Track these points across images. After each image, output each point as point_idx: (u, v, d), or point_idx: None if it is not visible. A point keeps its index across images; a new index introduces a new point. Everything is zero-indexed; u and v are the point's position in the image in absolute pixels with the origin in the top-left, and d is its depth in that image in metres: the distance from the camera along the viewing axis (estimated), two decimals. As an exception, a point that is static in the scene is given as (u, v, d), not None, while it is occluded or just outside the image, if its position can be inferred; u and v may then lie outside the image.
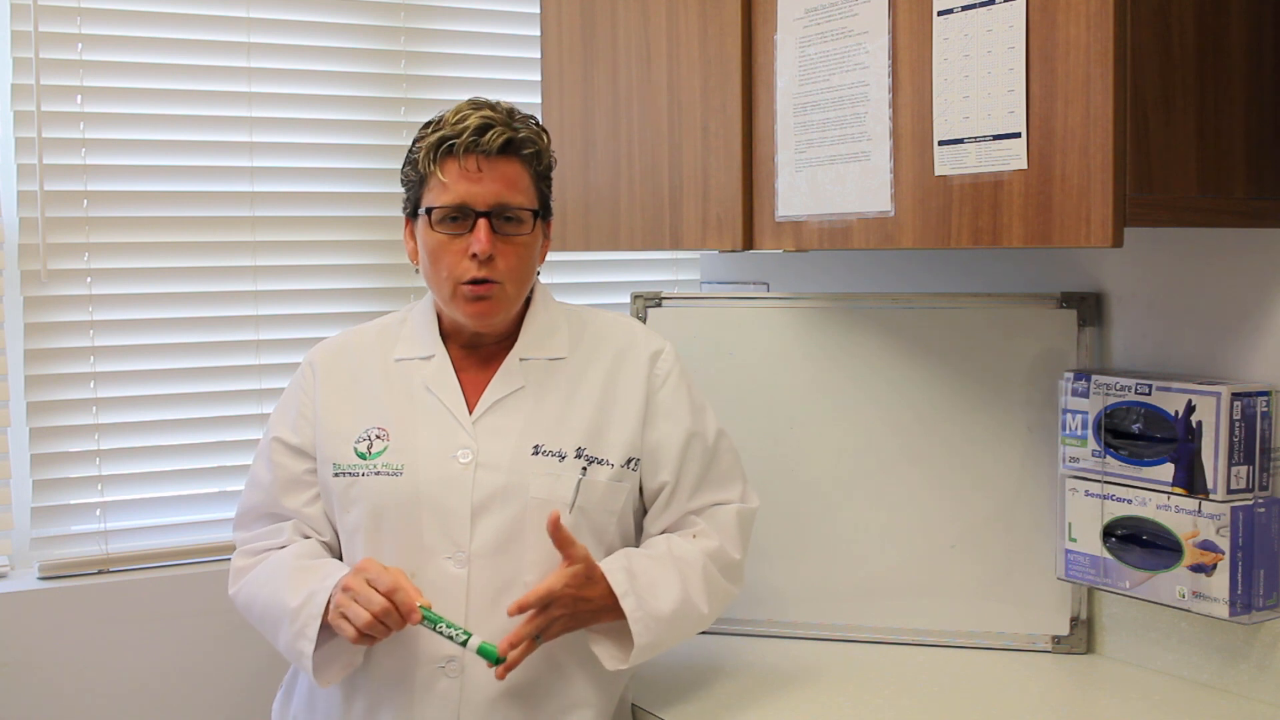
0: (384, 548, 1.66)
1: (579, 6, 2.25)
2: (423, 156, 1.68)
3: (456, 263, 1.67)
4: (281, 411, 1.81)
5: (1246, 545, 1.67)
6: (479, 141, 1.65)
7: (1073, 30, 1.47)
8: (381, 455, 1.69)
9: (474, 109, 1.69)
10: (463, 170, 1.66)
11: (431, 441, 1.69)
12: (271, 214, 2.39)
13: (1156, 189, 1.49)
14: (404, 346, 1.78)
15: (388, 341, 1.80)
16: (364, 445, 1.71)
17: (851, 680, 1.88)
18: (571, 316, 1.82)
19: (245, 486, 1.82)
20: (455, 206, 1.66)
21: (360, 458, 1.70)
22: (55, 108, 2.20)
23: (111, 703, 2.18)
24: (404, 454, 1.69)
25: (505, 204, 1.67)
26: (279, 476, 1.76)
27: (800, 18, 1.85)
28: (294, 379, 1.83)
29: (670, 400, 1.78)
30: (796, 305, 2.11)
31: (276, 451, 1.77)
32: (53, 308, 2.21)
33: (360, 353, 1.80)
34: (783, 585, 2.07)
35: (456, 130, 1.66)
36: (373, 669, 1.66)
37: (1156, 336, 1.87)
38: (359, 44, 2.46)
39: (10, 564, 2.22)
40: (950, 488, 2.02)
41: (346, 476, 1.70)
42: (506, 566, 1.65)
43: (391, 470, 1.68)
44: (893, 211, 1.72)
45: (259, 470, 1.79)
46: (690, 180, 2.05)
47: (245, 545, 1.78)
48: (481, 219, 1.66)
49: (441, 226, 1.67)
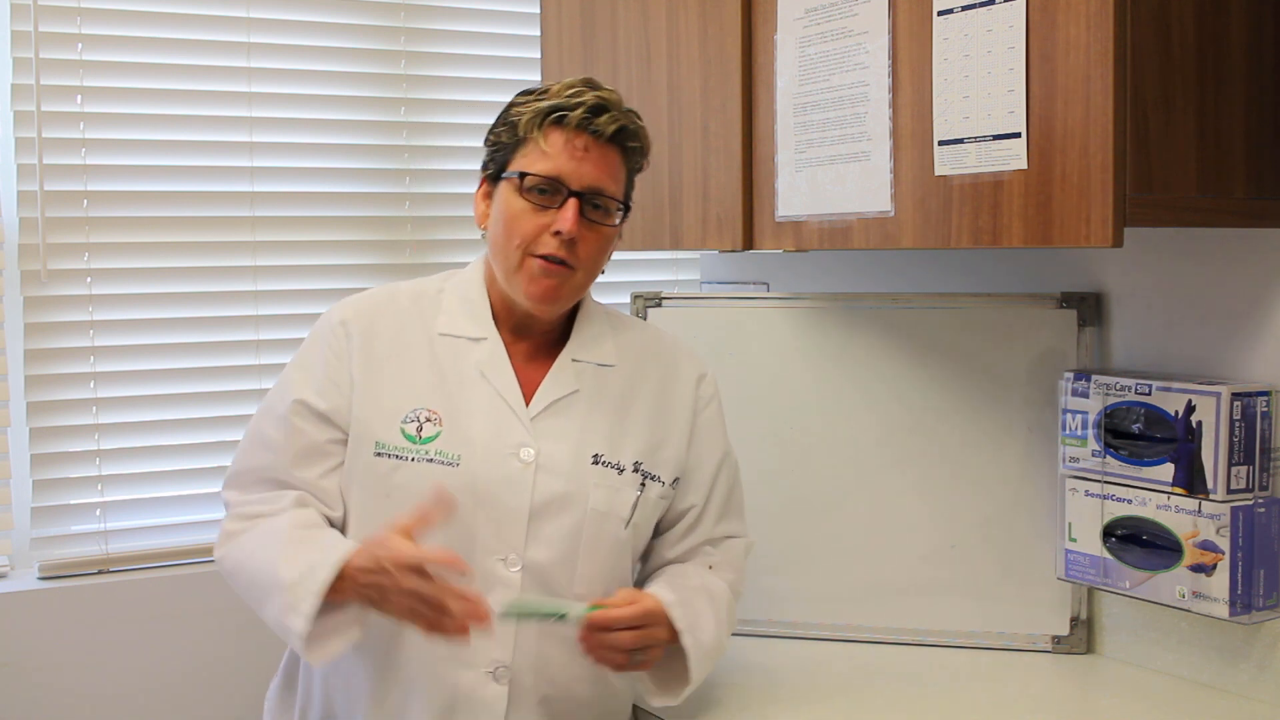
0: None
1: (579, 6, 2.25)
2: (526, 119, 1.60)
3: (535, 234, 1.59)
4: (304, 370, 1.65)
5: (1246, 545, 1.66)
6: (593, 121, 1.59)
7: (1073, 30, 1.47)
8: (434, 441, 1.59)
9: (589, 87, 1.62)
10: (569, 144, 1.59)
11: (487, 434, 1.61)
12: (271, 214, 2.39)
13: (1156, 189, 1.49)
14: (448, 321, 1.67)
15: (426, 311, 1.68)
16: (412, 427, 1.60)
17: (851, 680, 1.88)
18: (613, 321, 1.77)
19: (246, 443, 1.68)
20: (550, 178, 1.59)
21: (409, 440, 1.59)
22: (55, 108, 2.20)
23: (111, 703, 2.18)
24: (459, 443, 1.59)
25: (600, 189, 1.61)
26: (296, 443, 1.62)
27: (800, 18, 1.85)
28: (319, 335, 1.67)
29: (710, 424, 1.77)
30: (796, 305, 2.11)
31: (298, 415, 1.62)
32: (53, 308, 2.21)
33: (399, 319, 1.67)
34: (783, 585, 2.07)
35: (571, 103, 1.59)
36: (411, 669, 1.59)
37: (1156, 336, 1.87)
38: (359, 44, 2.46)
39: (10, 564, 2.22)
40: (950, 487, 2.02)
41: (392, 459, 1.59)
42: (559, 575, 1.60)
43: (446, 460, 1.58)
44: (893, 211, 1.72)
45: (267, 430, 1.65)
46: (690, 180, 2.05)
47: (240, 509, 1.64)
48: (572, 198, 1.58)
49: (530, 195, 1.59)
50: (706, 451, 1.75)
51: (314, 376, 1.64)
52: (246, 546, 1.60)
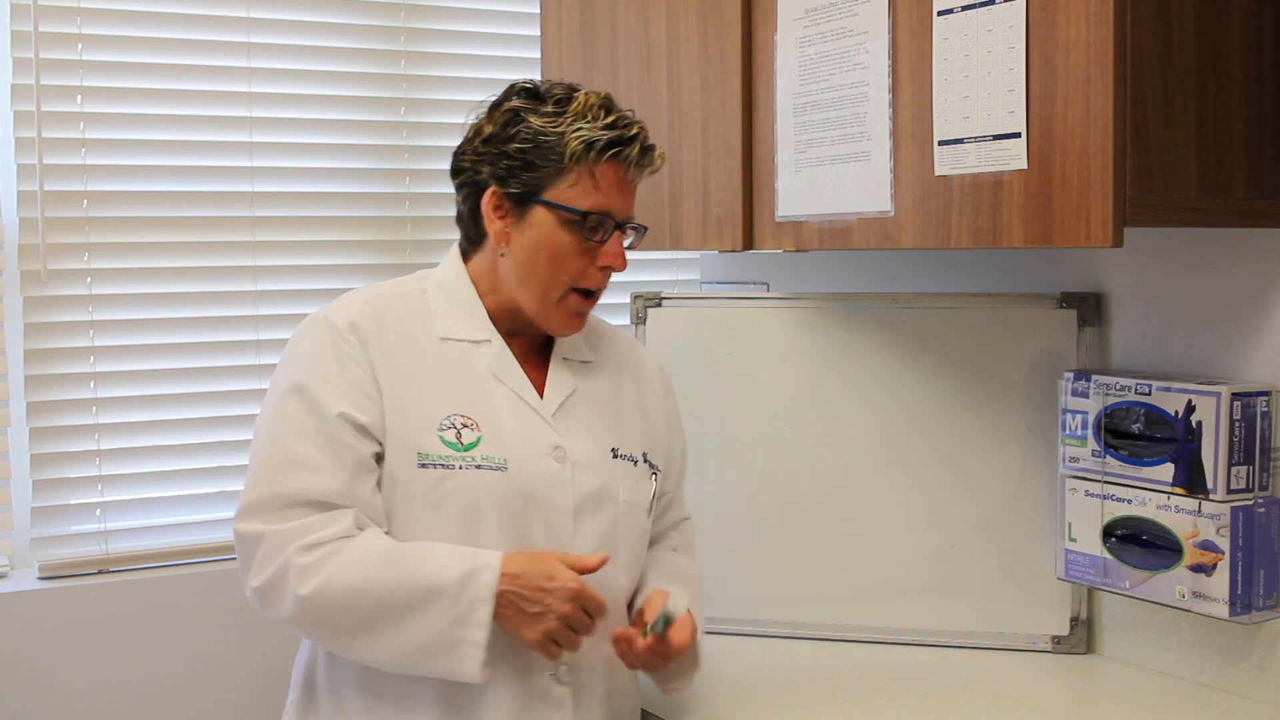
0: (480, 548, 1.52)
1: (579, 6, 2.25)
2: (574, 148, 1.54)
3: (582, 269, 1.58)
4: (326, 381, 1.53)
5: (1246, 545, 1.66)
6: (648, 159, 1.59)
7: (1073, 30, 1.47)
8: (477, 447, 1.54)
9: (628, 115, 1.60)
10: (620, 180, 1.58)
11: (520, 435, 1.57)
12: (271, 214, 2.38)
13: (1156, 189, 1.49)
14: (445, 324, 1.61)
15: (418, 314, 1.61)
16: (450, 434, 1.54)
17: (851, 680, 1.88)
18: None
19: (267, 468, 1.52)
20: (603, 214, 1.57)
21: (452, 448, 1.53)
22: (55, 108, 2.20)
23: (111, 703, 2.18)
24: (500, 447, 1.55)
25: (632, 218, 1.62)
26: (348, 460, 1.50)
27: (800, 18, 1.85)
28: (327, 342, 1.55)
29: (675, 412, 1.82)
30: (796, 305, 2.11)
31: (343, 430, 1.50)
32: (53, 308, 2.21)
33: (402, 322, 1.60)
34: (783, 585, 2.07)
35: (625, 137, 1.56)
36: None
37: (1156, 336, 1.87)
38: (359, 44, 2.46)
39: (10, 564, 2.22)
40: (950, 487, 2.02)
41: (438, 469, 1.52)
42: (605, 570, 1.57)
43: (495, 464, 1.54)
44: (893, 211, 1.72)
45: (301, 449, 1.50)
46: (690, 180, 2.05)
47: (291, 540, 1.47)
48: (617, 230, 1.59)
49: (580, 230, 1.56)
50: (676, 439, 1.81)
51: (341, 387, 1.52)
52: (352, 572, 1.46)
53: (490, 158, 1.59)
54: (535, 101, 1.60)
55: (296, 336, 1.61)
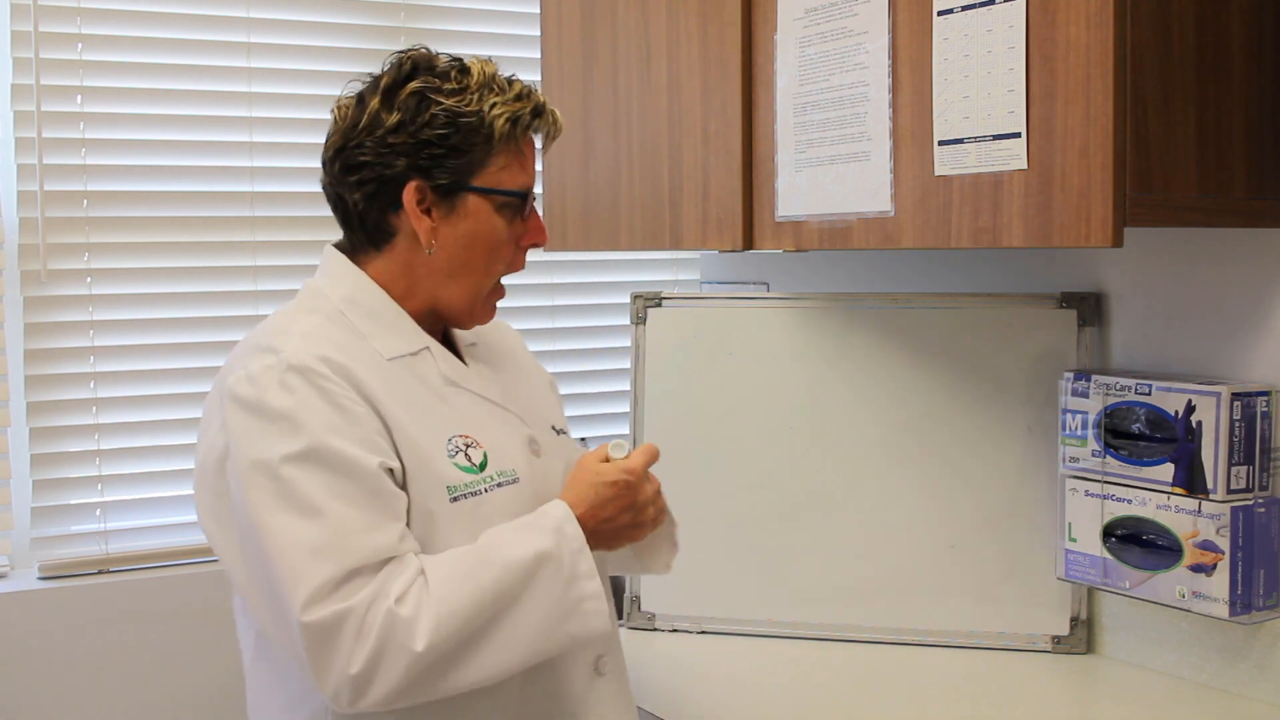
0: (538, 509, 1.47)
1: (579, 6, 2.25)
2: (505, 128, 1.41)
3: (514, 256, 1.48)
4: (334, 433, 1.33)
5: (1246, 545, 1.67)
6: (559, 128, 1.48)
7: (1073, 30, 1.47)
8: (488, 465, 1.45)
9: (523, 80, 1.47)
10: (534, 153, 1.46)
11: (506, 440, 1.49)
12: (271, 214, 2.39)
13: (1156, 189, 1.49)
14: (383, 343, 1.44)
15: (355, 340, 1.43)
16: (460, 459, 1.43)
17: (851, 680, 1.88)
18: None
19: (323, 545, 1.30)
20: (529, 191, 1.46)
21: (470, 472, 1.42)
22: (55, 108, 2.20)
23: (111, 702, 2.18)
24: (504, 458, 1.47)
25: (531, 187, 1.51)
26: (398, 509, 1.36)
27: (800, 18, 1.85)
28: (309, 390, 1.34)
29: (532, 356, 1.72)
30: (796, 305, 2.11)
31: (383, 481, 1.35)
32: (53, 308, 2.21)
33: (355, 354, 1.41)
34: (782, 585, 2.07)
35: (541, 108, 1.44)
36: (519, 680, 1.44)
37: (1156, 336, 1.87)
38: (359, 44, 2.46)
39: (10, 564, 2.22)
40: (950, 487, 2.02)
41: (470, 498, 1.42)
42: None
43: (509, 478, 1.46)
44: (893, 211, 1.72)
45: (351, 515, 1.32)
46: (690, 180, 2.05)
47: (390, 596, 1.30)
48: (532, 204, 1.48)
49: (510, 212, 1.45)
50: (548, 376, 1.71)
51: (358, 436, 1.35)
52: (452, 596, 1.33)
53: (405, 148, 1.41)
54: (434, 79, 1.43)
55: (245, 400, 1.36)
